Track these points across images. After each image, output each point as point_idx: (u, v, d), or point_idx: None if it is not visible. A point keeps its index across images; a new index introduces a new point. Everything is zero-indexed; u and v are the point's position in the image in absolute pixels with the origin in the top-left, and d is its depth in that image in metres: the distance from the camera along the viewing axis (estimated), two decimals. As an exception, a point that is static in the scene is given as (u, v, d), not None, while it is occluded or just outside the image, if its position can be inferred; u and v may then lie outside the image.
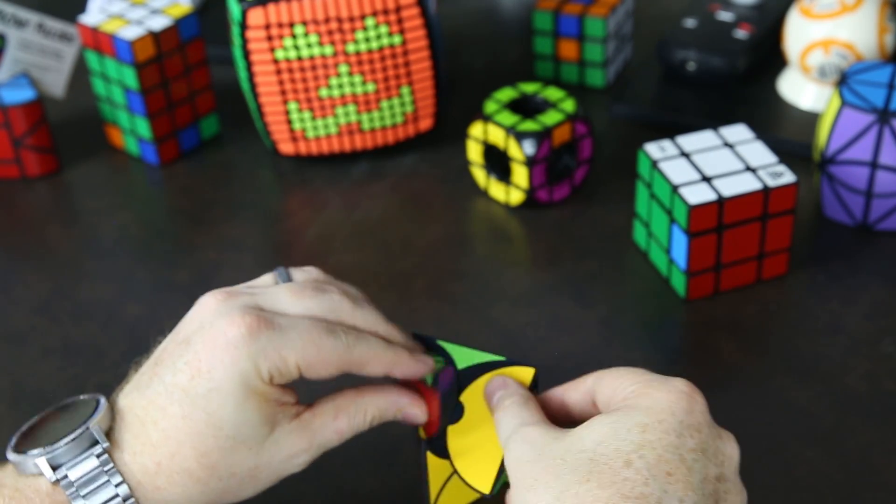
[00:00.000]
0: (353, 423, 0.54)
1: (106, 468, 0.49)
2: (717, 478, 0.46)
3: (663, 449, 0.45)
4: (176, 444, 0.50)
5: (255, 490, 0.53)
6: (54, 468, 0.49)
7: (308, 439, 0.52)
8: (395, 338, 0.55)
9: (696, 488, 0.44)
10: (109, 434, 0.51)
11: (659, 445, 0.45)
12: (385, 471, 0.61)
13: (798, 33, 0.84)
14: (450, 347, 0.56)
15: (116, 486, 0.49)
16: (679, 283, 0.71)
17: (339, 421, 0.53)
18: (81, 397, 0.53)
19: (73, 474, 0.49)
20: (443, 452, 0.54)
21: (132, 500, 0.50)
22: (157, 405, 0.51)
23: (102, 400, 0.52)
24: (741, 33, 0.90)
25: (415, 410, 0.55)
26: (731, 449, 0.48)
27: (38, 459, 0.49)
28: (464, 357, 0.55)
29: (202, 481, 0.50)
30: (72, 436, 0.50)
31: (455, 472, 0.54)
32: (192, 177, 0.86)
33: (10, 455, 0.50)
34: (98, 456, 0.50)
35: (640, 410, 0.46)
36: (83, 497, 0.49)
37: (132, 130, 0.86)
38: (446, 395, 0.54)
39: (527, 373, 0.54)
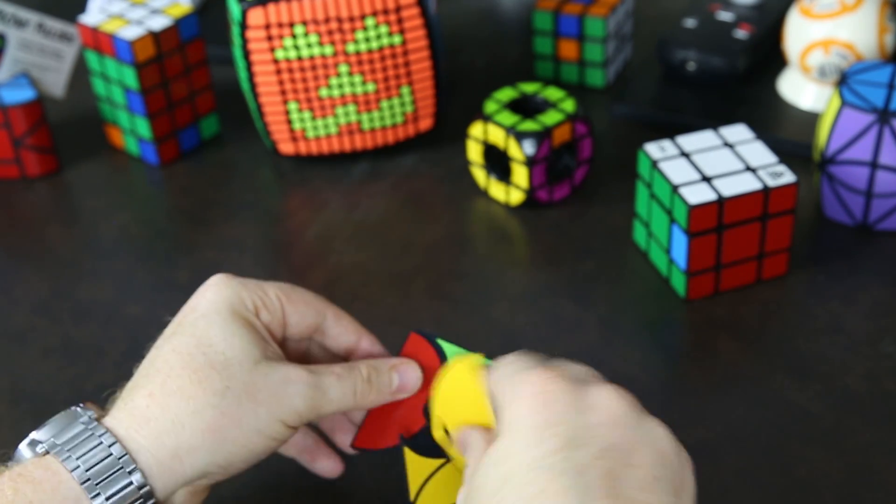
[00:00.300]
0: (350, 374, 0.52)
1: (90, 426, 0.49)
2: (599, 455, 0.41)
3: (523, 470, 0.41)
4: (167, 370, 0.50)
5: (258, 427, 0.50)
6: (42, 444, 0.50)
7: (306, 369, 0.51)
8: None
9: (571, 486, 0.40)
10: (101, 417, 0.51)
11: (518, 469, 0.41)
12: (384, 471, 0.61)
13: (798, 33, 0.84)
14: (448, 348, 0.55)
15: (100, 436, 0.49)
16: (679, 283, 0.71)
17: (336, 367, 0.53)
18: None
19: (60, 439, 0.49)
20: (425, 450, 0.54)
21: (116, 444, 0.48)
22: (150, 357, 0.52)
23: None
24: (741, 33, 0.90)
25: (409, 370, 0.54)
26: (601, 397, 0.43)
27: (27, 442, 0.50)
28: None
29: (195, 398, 0.49)
30: (58, 415, 0.50)
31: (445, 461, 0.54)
32: (192, 177, 0.86)
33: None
34: (84, 423, 0.49)
35: (500, 439, 0.43)
36: (68, 451, 0.48)
37: (132, 130, 0.86)
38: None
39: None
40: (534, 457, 0.41)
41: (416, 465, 0.54)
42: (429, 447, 0.53)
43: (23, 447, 0.50)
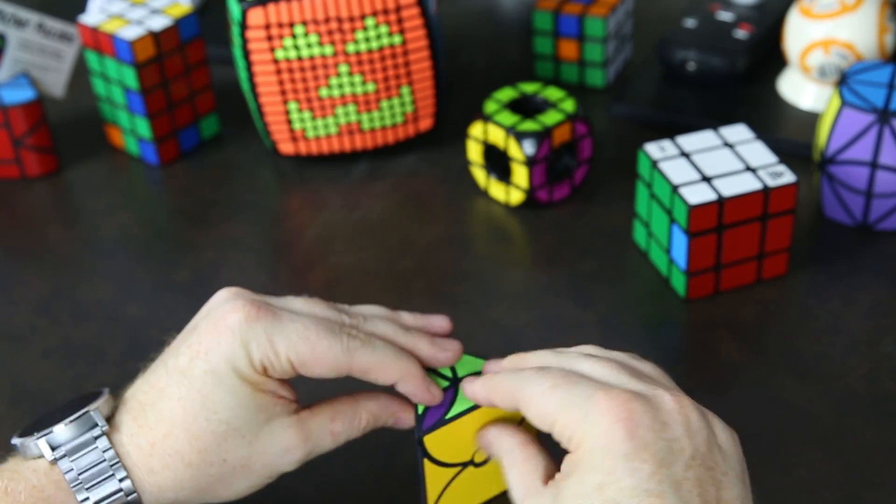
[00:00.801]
0: (348, 426, 0.54)
1: (102, 447, 0.50)
2: (686, 467, 0.44)
3: (627, 497, 0.43)
4: (170, 425, 0.50)
5: (249, 485, 0.53)
6: (53, 448, 0.50)
7: (304, 436, 0.52)
8: (421, 349, 0.55)
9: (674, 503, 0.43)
10: (111, 419, 0.52)
11: (622, 497, 0.43)
12: (384, 471, 0.61)
13: (798, 33, 0.84)
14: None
15: (112, 465, 0.50)
16: (679, 283, 0.71)
17: (335, 423, 0.53)
18: (89, 391, 0.54)
19: (71, 454, 0.50)
20: (443, 461, 0.54)
21: (128, 479, 0.50)
22: (158, 388, 0.51)
23: (105, 390, 0.53)
24: (741, 33, 0.90)
25: (408, 416, 0.55)
26: (670, 411, 0.45)
27: (38, 441, 0.50)
28: (464, 366, 0.56)
29: (193, 465, 0.50)
30: (71, 417, 0.51)
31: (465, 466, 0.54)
32: (192, 177, 0.86)
33: (14, 440, 0.51)
34: (96, 437, 0.50)
35: (586, 469, 0.44)
36: (79, 475, 0.50)
37: (132, 130, 0.86)
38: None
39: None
40: (632, 485, 0.43)
41: (435, 475, 0.54)
42: (447, 457, 0.54)
43: (33, 443, 0.51)
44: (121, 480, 0.50)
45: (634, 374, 0.49)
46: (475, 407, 0.53)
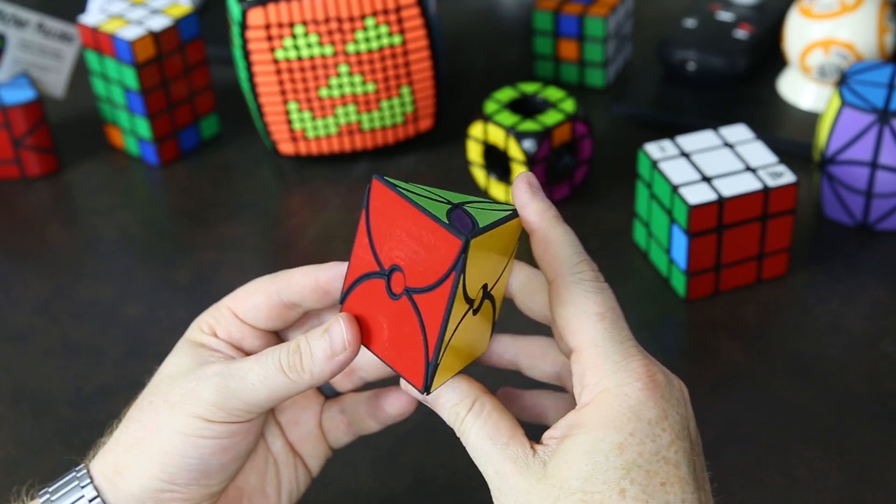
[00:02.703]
0: (273, 351, 0.48)
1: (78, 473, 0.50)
2: (691, 447, 0.45)
3: (647, 461, 0.43)
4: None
5: (173, 423, 0.48)
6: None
7: (222, 363, 0.49)
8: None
9: (687, 477, 0.43)
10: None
11: (642, 460, 0.43)
12: (385, 471, 0.61)
13: (798, 33, 0.84)
14: (415, 194, 0.46)
15: (79, 476, 0.50)
16: (679, 283, 0.71)
17: (264, 351, 0.49)
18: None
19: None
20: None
21: (82, 467, 0.50)
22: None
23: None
24: (741, 33, 0.90)
25: (336, 329, 0.47)
26: (679, 391, 0.45)
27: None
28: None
29: (128, 418, 0.50)
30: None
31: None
32: (192, 177, 0.86)
33: None
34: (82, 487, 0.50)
35: (608, 427, 0.43)
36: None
37: (132, 130, 0.86)
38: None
39: (519, 221, 0.46)
40: (652, 450, 0.43)
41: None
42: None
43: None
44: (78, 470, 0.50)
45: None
46: (499, 223, 0.45)
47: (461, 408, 0.46)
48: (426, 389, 0.45)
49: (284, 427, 0.55)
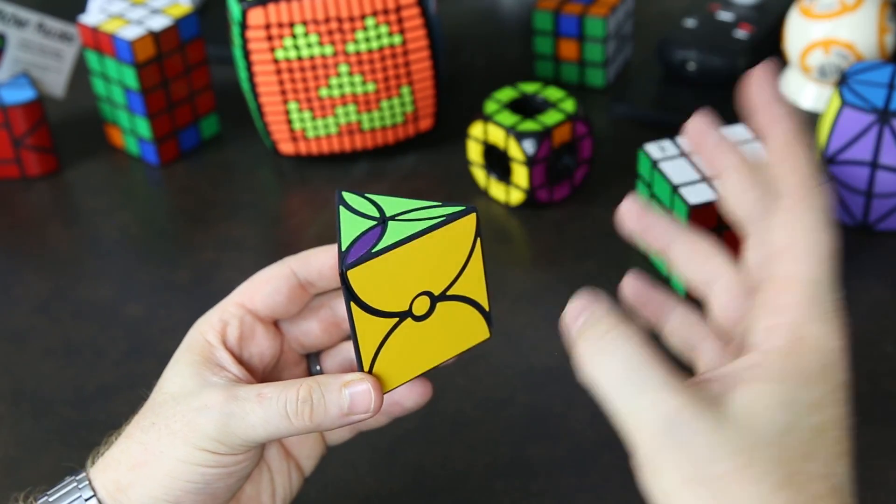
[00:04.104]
0: (280, 394, 0.47)
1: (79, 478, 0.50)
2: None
3: (835, 427, 0.38)
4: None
5: (175, 451, 0.48)
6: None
7: (227, 395, 0.48)
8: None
9: (847, 450, 0.39)
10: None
11: (832, 425, 0.38)
12: (385, 471, 0.61)
13: (798, 33, 0.84)
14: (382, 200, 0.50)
15: (80, 485, 0.50)
16: (679, 282, 0.71)
17: (266, 388, 0.48)
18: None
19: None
20: (375, 310, 0.47)
21: (84, 478, 0.50)
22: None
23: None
24: (741, 33, 0.90)
25: (362, 389, 0.47)
26: None
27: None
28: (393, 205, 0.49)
29: (129, 436, 0.50)
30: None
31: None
32: (192, 177, 0.86)
33: None
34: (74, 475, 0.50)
35: (806, 382, 0.38)
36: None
37: (132, 130, 0.86)
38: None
39: (469, 222, 0.48)
40: (841, 416, 0.38)
41: (368, 327, 0.47)
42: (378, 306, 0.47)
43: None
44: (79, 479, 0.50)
45: None
46: (407, 239, 0.46)
47: (611, 317, 0.41)
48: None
49: None
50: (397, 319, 0.47)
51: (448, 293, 0.48)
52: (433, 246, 0.47)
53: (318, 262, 0.52)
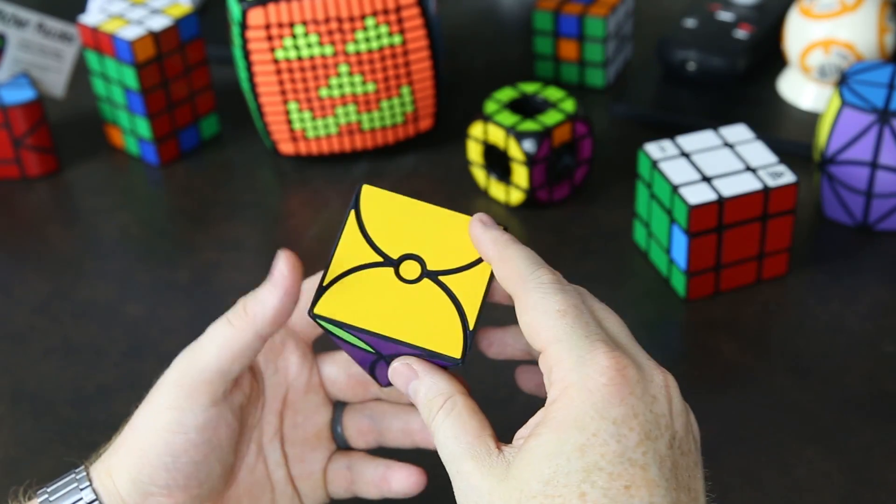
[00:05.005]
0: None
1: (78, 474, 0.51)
2: (668, 446, 0.42)
3: (609, 464, 0.41)
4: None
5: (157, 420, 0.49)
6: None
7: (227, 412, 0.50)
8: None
9: (657, 480, 0.41)
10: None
11: (605, 462, 0.41)
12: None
13: (798, 33, 0.84)
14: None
15: (81, 481, 0.50)
16: (679, 283, 0.71)
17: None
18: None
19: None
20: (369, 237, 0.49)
21: (83, 469, 0.50)
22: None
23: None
24: (741, 33, 0.90)
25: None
26: (659, 387, 0.44)
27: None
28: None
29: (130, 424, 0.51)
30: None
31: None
32: (192, 177, 0.86)
33: None
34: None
35: (571, 427, 0.42)
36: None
37: (132, 130, 0.86)
38: None
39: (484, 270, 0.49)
40: (617, 451, 0.41)
41: (351, 246, 0.48)
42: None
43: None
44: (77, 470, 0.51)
45: (628, 337, 0.47)
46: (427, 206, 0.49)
47: (434, 404, 0.46)
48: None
49: (290, 459, 0.55)
50: (381, 260, 0.48)
51: (440, 278, 0.48)
52: (447, 223, 0.49)
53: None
